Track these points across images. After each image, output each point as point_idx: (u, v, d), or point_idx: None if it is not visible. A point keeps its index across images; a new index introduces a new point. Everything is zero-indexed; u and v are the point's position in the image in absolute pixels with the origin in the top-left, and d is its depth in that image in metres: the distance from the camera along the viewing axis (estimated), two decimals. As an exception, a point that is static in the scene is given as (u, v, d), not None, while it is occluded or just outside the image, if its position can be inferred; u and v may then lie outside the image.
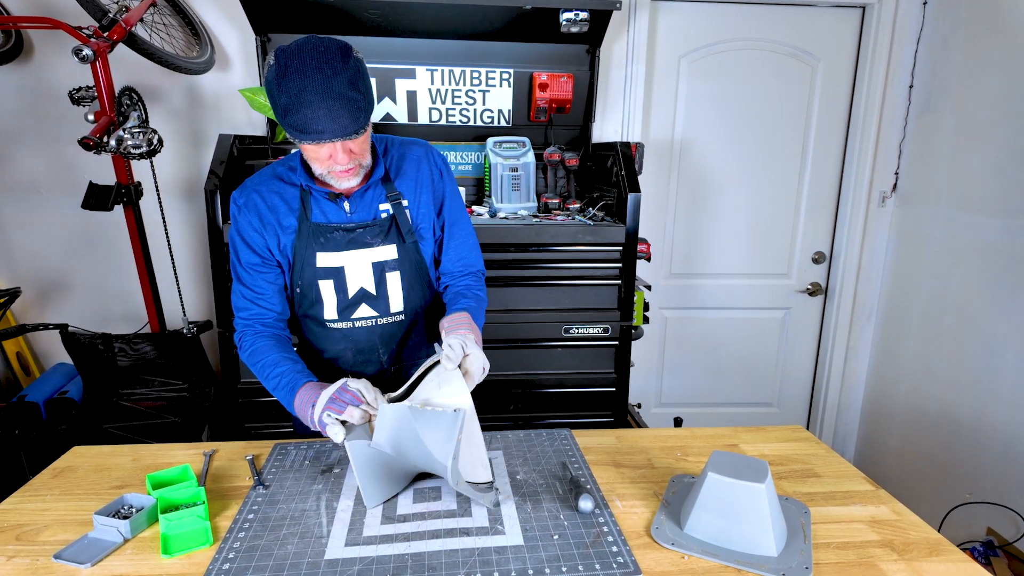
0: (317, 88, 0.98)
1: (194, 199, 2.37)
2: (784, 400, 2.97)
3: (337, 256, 1.20)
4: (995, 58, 2.15)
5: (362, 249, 1.20)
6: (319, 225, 1.19)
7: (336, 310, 1.24)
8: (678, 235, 2.71)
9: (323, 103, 0.99)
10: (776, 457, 1.25)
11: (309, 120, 1.00)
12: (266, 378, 1.17)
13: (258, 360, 1.19)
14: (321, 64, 0.99)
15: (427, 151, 1.27)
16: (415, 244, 1.24)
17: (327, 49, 1.00)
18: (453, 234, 1.30)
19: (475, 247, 1.34)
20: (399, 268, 1.23)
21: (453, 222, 1.30)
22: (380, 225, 1.21)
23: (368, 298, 1.24)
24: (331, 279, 1.21)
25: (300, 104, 0.99)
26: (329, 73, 0.99)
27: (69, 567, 0.89)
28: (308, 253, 1.20)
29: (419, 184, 1.24)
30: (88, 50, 1.74)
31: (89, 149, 1.73)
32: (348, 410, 1.03)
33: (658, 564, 0.91)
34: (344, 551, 0.94)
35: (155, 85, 2.25)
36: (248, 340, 1.22)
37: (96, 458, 1.22)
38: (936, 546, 0.97)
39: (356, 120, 1.02)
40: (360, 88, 1.02)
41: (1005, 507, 2.09)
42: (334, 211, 1.20)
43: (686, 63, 2.54)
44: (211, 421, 2.11)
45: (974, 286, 2.23)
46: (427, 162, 1.26)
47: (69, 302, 2.41)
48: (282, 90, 1.00)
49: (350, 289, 1.22)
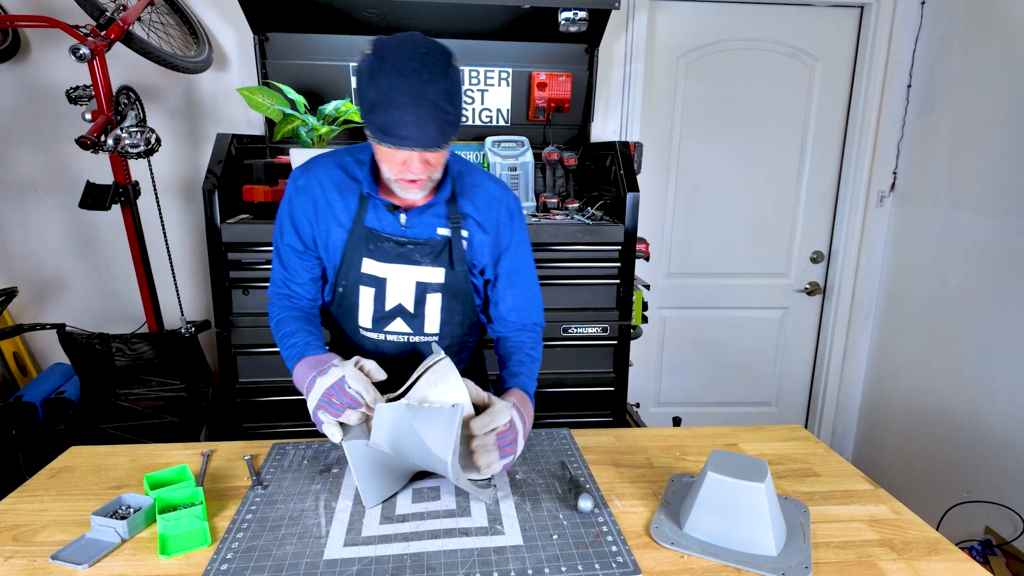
0: (411, 91, 0.93)
1: (192, 199, 2.36)
2: (783, 399, 2.97)
3: (382, 267, 1.16)
4: (993, 58, 2.15)
5: (409, 266, 1.16)
6: (371, 231, 1.15)
7: (371, 319, 1.20)
8: (677, 235, 2.71)
9: (413, 108, 0.93)
10: (775, 456, 1.24)
11: (394, 123, 0.94)
12: (282, 348, 1.16)
13: (280, 330, 1.18)
14: (420, 67, 0.93)
15: (503, 191, 1.21)
16: (465, 273, 1.19)
17: (429, 52, 0.95)
18: (515, 282, 1.24)
19: (536, 296, 1.28)
20: (442, 291, 1.19)
21: (517, 270, 1.24)
22: (433, 246, 1.16)
23: (404, 315, 1.20)
24: (372, 288, 1.18)
25: (389, 104, 0.93)
26: (427, 78, 0.93)
27: (66, 568, 0.89)
28: (356, 256, 1.16)
29: (484, 221, 1.18)
30: (85, 49, 1.73)
31: (86, 148, 1.72)
32: (346, 413, 1.00)
33: (657, 564, 0.91)
34: (343, 551, 0.93)
35: (153, 84, 2.24)
36: (276, 310, 1.22)
37: (93, 458, 1.21)
38: (935, 545, 0.97)
39: (443, 133, 0.97)
40: (454, 101, 0.97)
41: (1003, 506, 2.09)
42: (390, 221, 1.15)
43: (685, 63, 2.54)
44: (209, 421, 2.10)
45: (972, 285, 2.24)
46: (500, 203, 1.19)
47: (66, 302, 2.41)
48: (373, 84, 0.94)
49: (388, 302, 1.19)
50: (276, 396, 2.00)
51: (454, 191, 1.16)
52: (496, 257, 1.22)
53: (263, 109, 1.90)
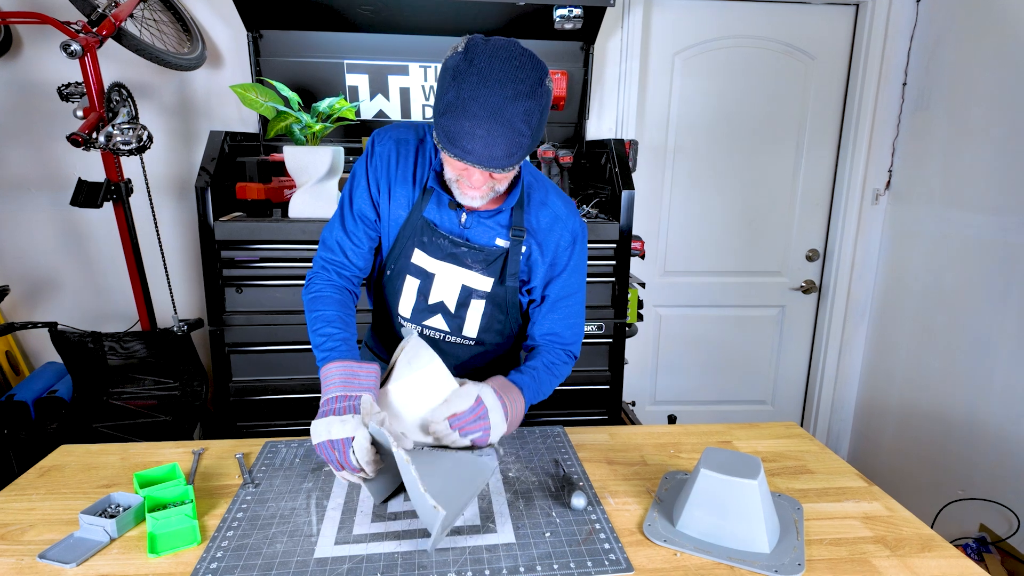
0: (489, 104, 0.88)
1: (185, 196, 2.35)
2: (778, 398, 2.97)
3: (433, 262, 1.13)
4: (987, 56, 2.15)
5: (458, 267, 1.13)
6: (429, 224, 1.11)
7: (411, 309, 1.18)
8: (672, 232, 2.71)
9: (486, 123, 0.88)
10: (769, 454, 1.24)
11: (463, 134, 0.90)
12: (313, 328, 1.10)
13: (316, 308, 1.11)
14: (507, 80, 0.88)
15: (570, 213, 1.16)
16: (515, 289, 1.16)
17: (522, 66, 0.89)
18: (558, 308, 1.19)
19: (576, 327, 1.22)
20: (486, 299, 1.16)
21: (565, 296, 1.19)
22: (488, 254, 1.12)
23: (445, 313, 1.17)
24: (419, 279, 1.15)
25: (463, 112, 0.88)
26: (511, 94, 0.88)
27: (54, 567, 0.88)
28: (408, 244, 1.13)
29: (545, 242, 1.14)
30: (76, 45, 1.72)
31: (78, 145, 1.71)
32: (342, 473, 0.97)
33: (650, 561, 0.91)
34: (334, 549, 0.93)
35: (146, 82, 2.23)
36: (320, 283, 1.14)
37: (84, 457, 1.20)
38: (929, 542, 0.97)
39: (510, 157, 0.92)
40: (532, 124, 0.92)
41: (998, 503, 2.09)
42: (449, 218, 1.12)
43: (680, 60, 2.53)
44: (203, 420, 2.09)
45: (967, 283, 2.24)
46: (565, 226, 1.15)
47: (58, 300, 2.39)
48: (454, 86, 0.89)
49: (431, 297, 1.16)
50: (270, 395, 1.99)
51: (521, 203, 1.12)
52: (548, 280, 1.18)
53: (256, 106, 1.89)
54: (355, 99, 2.28)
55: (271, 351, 1.95)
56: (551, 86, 0.95)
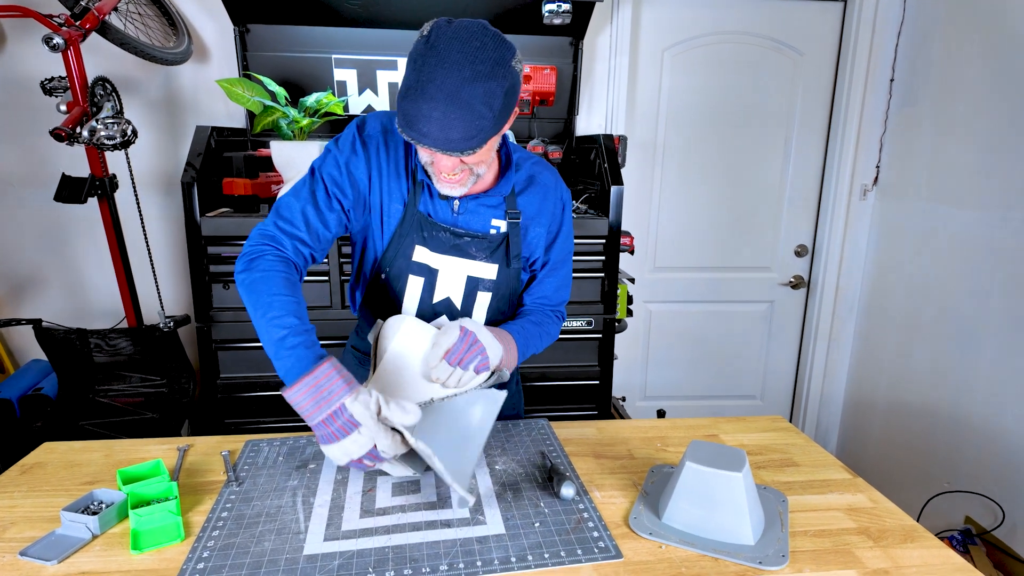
0: (446, 86, 0.86)
1: (171, 192, 2.33)
2: (767, 393, 2.99)
3: (437, 258, 1.10)
4: (974, 52, 2.17)
5: (463, 259, 1.11)
6: (424, 217, 1.08)
7: (415, 313, 1.14)
8: (662, 228, 2.72)
9: (441, 105, 0.86)
10: (755, 447, 1.25)
11: (418, 116, 0.87)
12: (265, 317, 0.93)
13: (265, 286, 0.95)
14: (465, 62, 0.86)
15: (557, 180, 1.17)
16: (519, 271, 1.15)
17: (483, 47, 0.87)
18: (553, 274, 1.20)
19: (564, 288, 1.24)
20: (493, 290, 1.14)
21: (561, 259, 1.20)
22: (490, 241, 1.11)
23: (452, 310, 1.14)
24: (422, 277, 1.11)
25: (420, 94, 0.86)
26: (469, 75, 0.86)
27: (35, 564, 0.87)
28: (407, 243, 1.08)
29: (541, 213, 1.14)
30: (59, 38, 1.70)
31: (61, 140, 1.69)
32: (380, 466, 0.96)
33: (635, 554, 0.91)
34: (323, 546, 0.92)
35: (131, 76, 2.21)
36: (269, 259, 0.98)
37: (67, 454, 1.19)
38: (911, 533, 0.98)
39: (468, 140, 0.89)
40: (493, 107, 0.88)
41: (983, 496, 2.12)
42: (443, 208, 1.09)
43: (669, 56, 2.54)
44: (191, 417, 2.08)
45: (953, 278, 2.26)
46: (555, 194, 1.16)
47: (43, 297, 2.37)
48: (414, 68, 0.88)
49: (437, 295, 1.13)
50: (258, 392, 1.98)
51: (513, 185, 1.11)
52: (549, 241, 1.18)
53: (243, 101, 1.88)
54: (343, 94, 2.27)
55: (259, 347, 1.94)
56: (520, 68, 0.93)
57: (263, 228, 1.02)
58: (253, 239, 1.02)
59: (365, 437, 0.90)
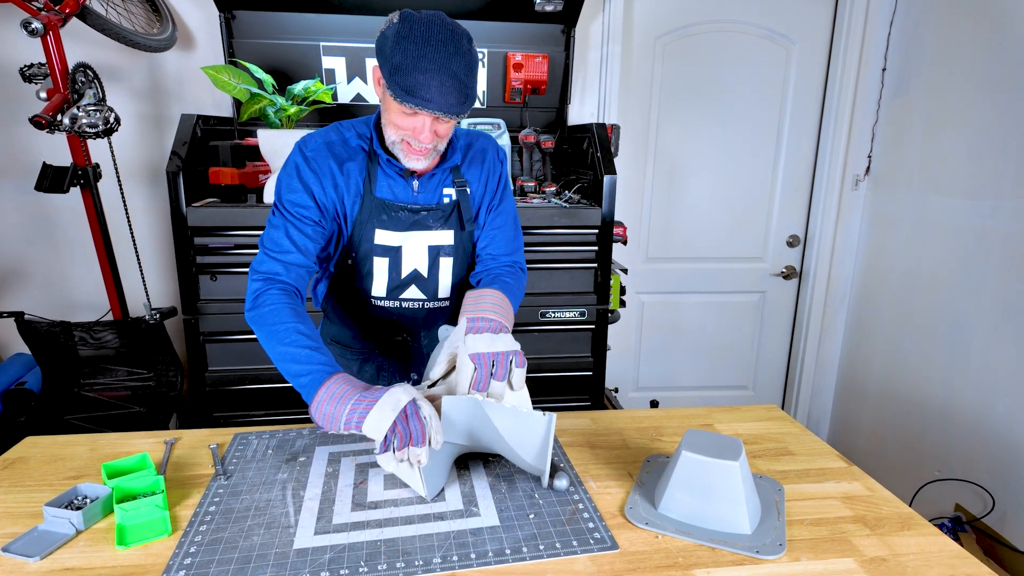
0: (437, 60, 0.98)
1: (157, 182, 2.29)
2: (760, 383, 3.00)
3: (398, 236, 1.19)
4: (965, 42, 2.16)
5: (422, 231, 1.20)
6: (384, 201, 1.17)
7: (386, 288, 1.23)
8: (655, 218, 2.71)
9: (438, 75, 0.99)
10: (750, 436, 1.24)
11: (420, 85, 0.99)
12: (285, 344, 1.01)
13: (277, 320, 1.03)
14: (446, 41, 0.99)
15: (492, 141, 1.28)
16: (471, 233, 1.25)
17: (454, 31, 1.01)
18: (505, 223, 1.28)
19: (518, 239, 1.31)
20: (453, 255, 1.23)
21: (505, 211, 1.28)
22: (443, 210, 1.21)
23: (419, 280, 1.23)
24: (387, 257, 1.20)
25: (415, 69, 0.98)
26: (452, 51, 0.99)
27: (16, 560, 0.85)
28: (367, 228, 1.17)
29: (483, 173, 1.25)
30: (37, 23, 1.65)
31: (42, 128, 1.65)
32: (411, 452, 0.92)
33: (632, 544, 0.90)
34: (314, 540, 0.91)
35: (115, 64, 2.16)
36: (274, 295, 1.06)
37: (50, 448, 1.16)
38: (908, 520, 0.97)
39: (462, 104, 1.02)
40: (472, 78, 1.04)
41: (973, 483, 2.13)
42: (402, 189, 1.18)
43: (662, 44, 2.52)
44: (179, 410, 2.05)
45: (944, 268, 2.26)
46: (492, 152, 1.27)
47: (26, 290, 2.32)
48: (398, 50, 0.99)
49: (404, 270, 1.22)
50: (248, 384, 1.95)
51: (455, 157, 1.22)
52: (490, 205, 1.27)
53: (229, 88, 1.84)
54: (332, 82, 2.23)
55: (247, 340, 1.91)
56: (476, 49, 1.07)
57: (256, 265, 1.12)
58: (251, 278, 1.11)
59: (406, 394, 0.93)
